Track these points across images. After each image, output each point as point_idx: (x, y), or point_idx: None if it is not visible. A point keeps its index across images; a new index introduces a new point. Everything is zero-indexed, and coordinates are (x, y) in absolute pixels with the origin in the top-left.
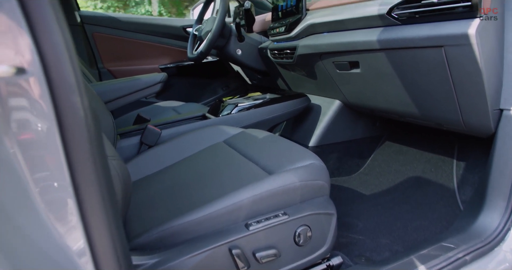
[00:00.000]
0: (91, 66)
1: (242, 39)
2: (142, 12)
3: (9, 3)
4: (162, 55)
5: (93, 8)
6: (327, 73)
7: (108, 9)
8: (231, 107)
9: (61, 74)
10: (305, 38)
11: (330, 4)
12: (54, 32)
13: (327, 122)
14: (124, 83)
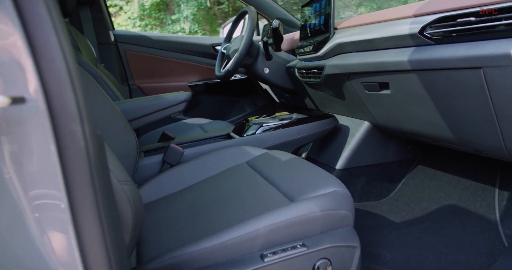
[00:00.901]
0: (122, 82)
1: (269, 58)
2: (177, 30)
3: (13, 35)
4: (191, 73)
5: (132, 26)
6: (355, 93)
7: (146, 26)
8: (256, 127)
9: (62, 103)
10: (333, 57)
11: (358, 23)
12: (57, 61)
13: (356, 144)
14: (148, 101)
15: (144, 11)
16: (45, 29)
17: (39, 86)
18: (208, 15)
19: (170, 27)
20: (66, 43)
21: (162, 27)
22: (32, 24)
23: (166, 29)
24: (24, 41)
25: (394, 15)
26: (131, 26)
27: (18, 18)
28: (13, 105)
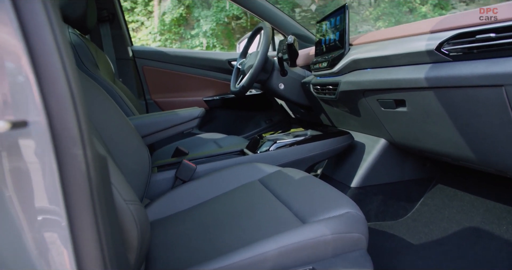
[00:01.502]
0: (139, 97)
1: (284, 74)
2: (196, 44)
3: (18, 59)
4: (207, 88)
5: (153, 40)
6: (371, 110)
7: (166, 41)
8: (270, 143)
9: (64, 127)
10: (348, 74)
11: (374, 39)
12: (60, 85)
13: (371, 161)
14: (162, 117)
15: (164, 26)
16: (49, 53)
17: (42, 109)
18: (226, 29)
19: (189, 41)
20: (71, 66)
21: (182, 42)
22: (36, 48)
23: (185, 44)
24: (28, 65)
25: (410, 31)
26: (152, 40)
27: (24, 42)
28: (15, 129)
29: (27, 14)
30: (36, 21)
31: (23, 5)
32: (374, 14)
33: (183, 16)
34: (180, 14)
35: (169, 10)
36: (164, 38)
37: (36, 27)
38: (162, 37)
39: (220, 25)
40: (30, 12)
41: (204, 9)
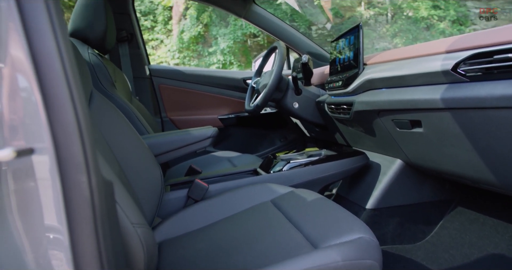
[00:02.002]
0: (155, 115)
1: (299, 93)
2: (213, 61)
3: (27, 92)
4: (222, 106)
5: (171, 58)
6: (386, 131)
7: (184, 58)
8: (283, 163)
9: (69, 154)
10: (362, 93)
11: (388, 59)
12: (67, 113)
13: (387, 182)
14: (174, 136)
15: (183, 44)
16: (58, 83)
17: (49, 137)
18: (243, 47)
19: (207, 58)
20: (78, 95)
21: (200, 59)
22: (46, 79)
23: (203, 61)
24: (37, 94)
25: (425, 51)
26: (170, 58)
27: (35, 73)
28: (22, 157)
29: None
30: (47, 52)
31: (34, 35)
32: (391, 31)
33: (201, 34)
34: (198, 32)
35: (188, 28)
36: (183, 56)
37: (47, 58)
38: (181, 54)
39: (237, 42)
40: (42, 42)
41: (222, 27)
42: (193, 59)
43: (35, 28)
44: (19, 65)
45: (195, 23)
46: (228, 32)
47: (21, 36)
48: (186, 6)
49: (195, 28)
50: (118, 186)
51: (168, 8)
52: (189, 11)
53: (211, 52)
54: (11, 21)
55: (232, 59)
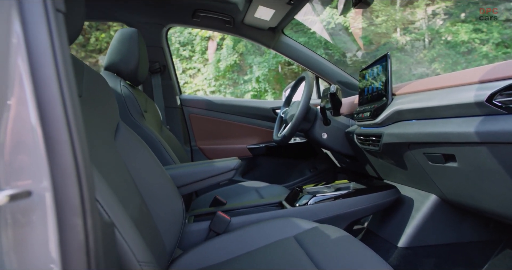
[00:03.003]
0: (185, 144)
1: (327, 123)
2: (248, 89)
3: (30, 137)
4: (252, 135)
5: (208, 85)
6: (418, 164)
7: (220, 86)
8: (309, 196)
9: (66, 196)
10: (391, 125)
11: (418, 89)
12: (66, 156)
13: (421, 219)
14: (198, 168)
15: (219, 72)
16: (59, 128)
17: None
18: (278, 75)
19: (242, 86)
20: (79, 139)
21: (235, 87)
22: (47, 119)
23: (238, 89)
24: (39, 137)
25: (457, 81)
26: (207, 86)
27: (37, 110)
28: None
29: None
30: (49, 94)
31: (39, 83)
32: (428, 56)
33: (236, 63)
34: (234, 61)
35: (224, 57)
36: (219, 84)
37: (49, 103)
38: (217, 82)
39: (272, 70)
40: (45, 86)
41: (257, 56)
42: (229, 87)
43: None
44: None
45: (231, 52)
46: (263, 60)
47: (28, 80)
48: (223, 36)
49: (231, 57)
50: (128, 224)
51: (205, 38)
52: (225, 41)
53: (246, 80)
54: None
55: (267, 86)
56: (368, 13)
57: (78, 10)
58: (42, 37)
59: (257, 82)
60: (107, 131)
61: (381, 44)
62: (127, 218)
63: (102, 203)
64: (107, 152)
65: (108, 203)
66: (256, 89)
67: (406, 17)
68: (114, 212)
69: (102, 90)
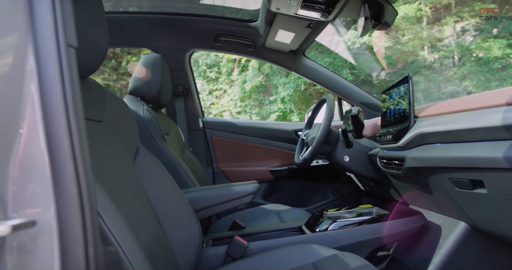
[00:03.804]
0: (207, 166)
1: (349, 146)
2: (274, 110)
3: (37, 168)
4: (273, 157)
5: (234, 106)
6: (444, 189)
7: (246, 107)
8: (329, 222)
9: (69, 227)
10: (414, 148)
11: (441, 111)
12: (70, 188)
13: (450, 248)
14: (215, 192)
15: (245, 93)
16: (65, 159)
17: (52, 210)
18: (303, 95)
19: (267, 107)
20: (84, 170)
21: (261, 107)
22: (54, 149)
23: (264, 109)
24: (46, 166)
25: (483, 103)
26: (233, 106)
27: (45, 140)
28: (24, 229)
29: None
30: (57, 126)
31: (48, 114)
32: (459, 73)
33: (262, 84)
34: (259, 82)
35: (250, 78)
36: (244, 104)
37: (57, 134)
38: (243, 103)
39: (298, 91)
40: (53, 117)
41: (282, 77)
42: (255, 107)
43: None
44: (34, 137)
45: (257, 73)
46: (288, 81)
47: (38, 110)
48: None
49: (256, 78)
50: (138, 251)
51: (231, 60)
52: (251, 63)
53: (272, 101)
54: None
55: (293, 107)
56: (393, 32)
57: (102, 39)
58: (53, 70)
59: (282, 103)
60: (127, 155)
61: (408, 63)
62: (137, 245)
63: (112, 230)
64: (125, 176)
65: (119, 230)
66: (281, 109)
67: (433, 35)
68: (124, 239)
69: (124, 115)
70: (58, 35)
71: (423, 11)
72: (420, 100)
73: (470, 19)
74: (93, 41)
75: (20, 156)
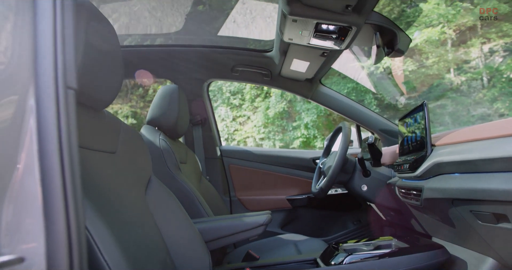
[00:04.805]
0: (224, 194)
1: (367, 174)
2: (297, 136)
3: (31, 205)
4: (291, 186)
5: (257, 132)
6: (466, 222)
7: (269, 133)
8: (344, 255)
9: (56, 264)
10: (432, 178)
11: (458, 140)
12: (59, 223)
13: None
14: (226, 222)
15: (268, 119)
16: (57, 196)
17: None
18: (327, 121)
19: (291, 133)
20: (74, 207)
21: (284, 133)
22: (47, 186)
23: (287, 135)
24: (39, 203)
25: (501, 131)
26: (256, 132)
27: (40, 176)
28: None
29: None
30: (51, 165)
31: (43, 152)
32: (489, 95)
33: (285, 110)
34: (283, 108)
35: (273, 105)
36: (268, 131)
37: (50, 172)
38: (266, 129)
39: (321, 116)
40: (47, 155)
41: (305, 103)
42: (278, 133)
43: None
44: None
45: (280, 100)
46: (312, 107)
47: (35, 146)
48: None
49: (279, 105)
50: None
51: (255, 87)
52: (274, 90)
53: (295, 127)
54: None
55: (316, 133)
56: (417, 55)
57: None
58: (50, 110)
59: (306, 129)
60: (138, 186)
61: (434, 86)
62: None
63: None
64: (135, 207)
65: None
66: (305, 135)
67: (459, 57)
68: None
69: (137, 146)
70: (57, 78)
71: (447, 34)
72: (448, 124)
73: (498, 40)
74: (107, 76)
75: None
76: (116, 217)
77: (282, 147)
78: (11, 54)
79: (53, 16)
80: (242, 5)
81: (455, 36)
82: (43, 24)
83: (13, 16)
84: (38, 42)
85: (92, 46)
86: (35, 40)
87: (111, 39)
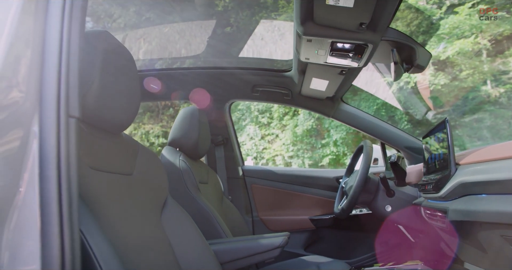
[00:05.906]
0: (246, 214)
1: (391, 194)
2: (326, 153)
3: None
4: (314, 206)
5: (286, 150)
6: (499, 248)
7: (298, 151)
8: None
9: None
10: (457, 199)
11: (484, 158)
12: (55, 243)
13: None
14: (242, 244)
15: (297, 137)
16: (52, 229)
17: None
18: (357, 138)
19: (320, 150)
20: (69, 233)
21: (313, 151)
22: (45, 211)
23: (316, 153)
24: (37, 226)
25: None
26: (285, 151)
27: (39, 205)
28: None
29: (45, 184)
30: (49, 192)
31: (43, 179)
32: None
33: (314, 128)
34: (311, 126)
35: (301, 123)
36: (296, 149)
37: (49, 201)
38: (295, 147)
39: (350, 133)
40: (47, 183)
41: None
42: (307, 151)
43: (46, 173)
44: (30, 198)
45: (308, 117)
46: (340, 124)
47: (36, 171)
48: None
49: (307, 122)
50: None
51: (282, 106)
52: None
53: (324, 144)
54: (35, 160)
55: (346, 150)
56: (449, 68)
57: (133, 98)
58: (51, 137)
59: (335, 146)
60: (154, 207)
61: (469, 99)
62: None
63: None
64: (148, 229)
65: None
66: (334, 152)
67: (496, 68)
68: None
69: (154, 168)
70: (59, 107)
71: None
72: (487, 138)
73: None
74: (123, 101)
75: (18, 215)
76: (126, 240)
77: (311, 165)
78: (19, 82)
79: (59, 49)
80: (262, 26)
81: (490, 46)
82: (50, 56)
83: (24, 48)
84: (44, 73)
85: (108, 73)
86: (41, 72)
87: (128, 66)
